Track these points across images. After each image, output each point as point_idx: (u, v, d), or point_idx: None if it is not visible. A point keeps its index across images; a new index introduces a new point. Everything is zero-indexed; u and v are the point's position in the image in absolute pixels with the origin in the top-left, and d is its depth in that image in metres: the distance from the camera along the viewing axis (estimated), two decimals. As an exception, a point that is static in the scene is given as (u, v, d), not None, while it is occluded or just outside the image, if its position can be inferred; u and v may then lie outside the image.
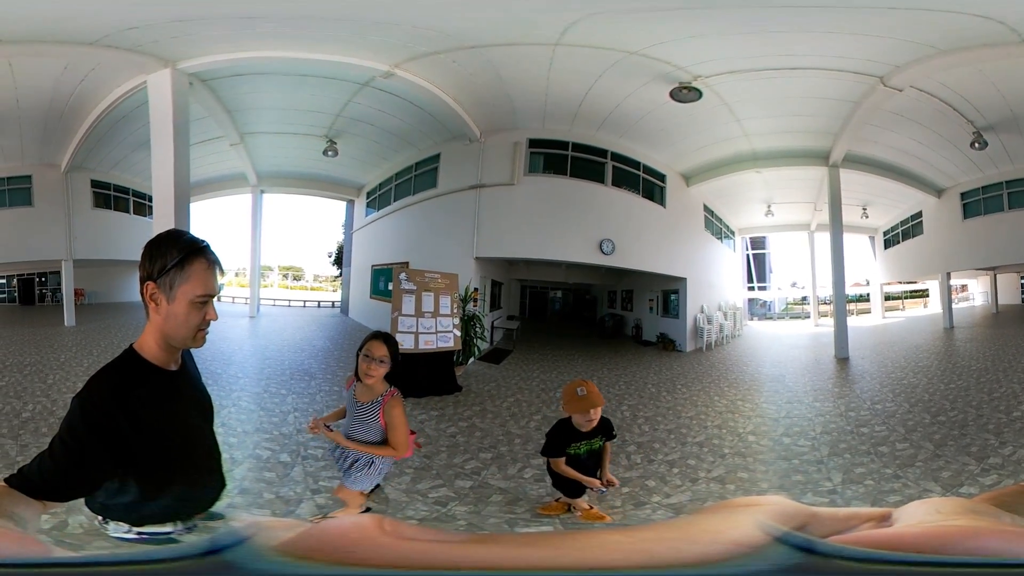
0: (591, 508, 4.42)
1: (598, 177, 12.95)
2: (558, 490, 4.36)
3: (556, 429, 4.21)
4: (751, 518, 0.59)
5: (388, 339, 3.78)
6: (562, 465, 4.09)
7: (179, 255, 1.62)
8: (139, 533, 1.70)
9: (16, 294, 18.11)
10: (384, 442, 3.70)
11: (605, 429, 4.26)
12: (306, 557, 0.51)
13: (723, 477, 5.38)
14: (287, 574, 0.51)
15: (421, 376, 8.56)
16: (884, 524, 0.64)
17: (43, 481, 1.40)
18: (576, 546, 0.55)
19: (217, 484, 1.93)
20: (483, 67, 9.35)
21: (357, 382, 3.80)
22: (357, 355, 3.74)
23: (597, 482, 4.11)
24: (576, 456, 4.13)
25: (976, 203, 14.80)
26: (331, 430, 3.80)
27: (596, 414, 4.04)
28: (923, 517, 0.62)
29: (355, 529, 0.55)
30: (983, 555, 0.51)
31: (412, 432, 3.87)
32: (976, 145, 11.39)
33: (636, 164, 13.42)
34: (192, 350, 1.90)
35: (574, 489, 4.25)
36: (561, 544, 0.56)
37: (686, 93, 9.61)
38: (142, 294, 1.67)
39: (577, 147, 12.63)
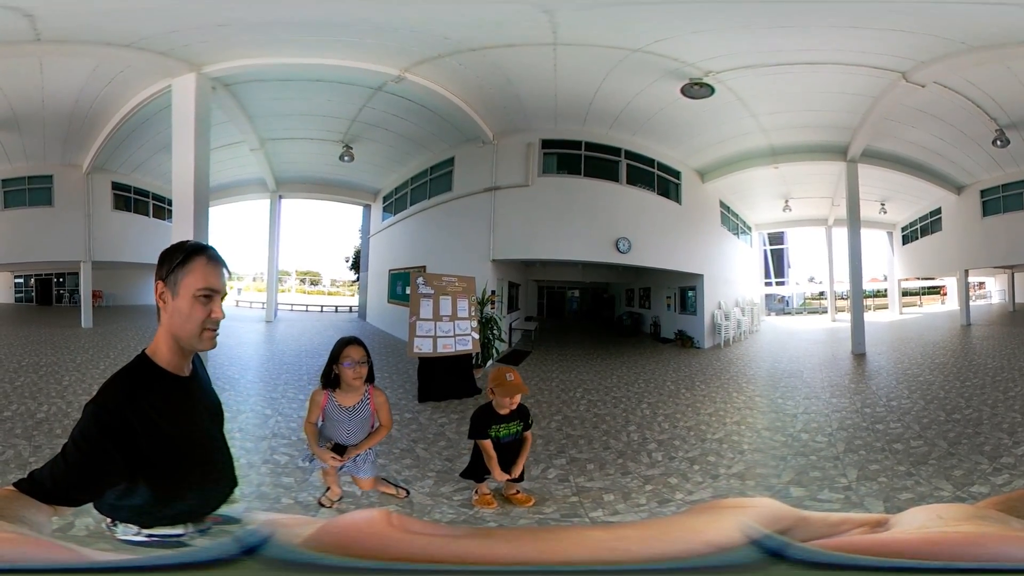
0: (489, 494, 4.69)
1: (612, 176, 12.94)
2: (467, 476, 4.72)
3: (479, 413, 4.55)
4: (734, 519, 0.61)
5: (361, 341, 3.96)
6: (489, 447, 4.44)
7: (183, 255, 1.73)
8: (149, 535, 1.72)
9: (33, 294, 18.26)
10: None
11: (522, 415, 4.65)
12: (326, 550, 0.55)
13: (743, 473, 5.38)
14: (314, 565, 0.54)
15: (440, 379, 8.65)
16: (878, 530, 0.65)
17: (55, 486, 1.42)
18: (566, 541, 0.60)
19: (228, 487, 1.98)
20: (489, 69, 9.39)
21: (334, 392, 3.95)
22: (330, 368, 3.91)
23: (500, 474, 4.43)
24: (497, 438, 4.47)
25: (995, 201, 14.64)
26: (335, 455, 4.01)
27: (516, 400, 4.50)
28: (924, 523, 0.63)
29: (366, 523, 0.61)
30: (991, 562, 0.52)
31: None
32: (998, 143, 11.28)
33: (650, 161, 13.40)
34: (208, 354, 1.98)
35: (479, 473, 4.61)
36: (551, 539, 0.61)
37: (697, 89, 9.58)
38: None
39: (590, 146, 12.62)
